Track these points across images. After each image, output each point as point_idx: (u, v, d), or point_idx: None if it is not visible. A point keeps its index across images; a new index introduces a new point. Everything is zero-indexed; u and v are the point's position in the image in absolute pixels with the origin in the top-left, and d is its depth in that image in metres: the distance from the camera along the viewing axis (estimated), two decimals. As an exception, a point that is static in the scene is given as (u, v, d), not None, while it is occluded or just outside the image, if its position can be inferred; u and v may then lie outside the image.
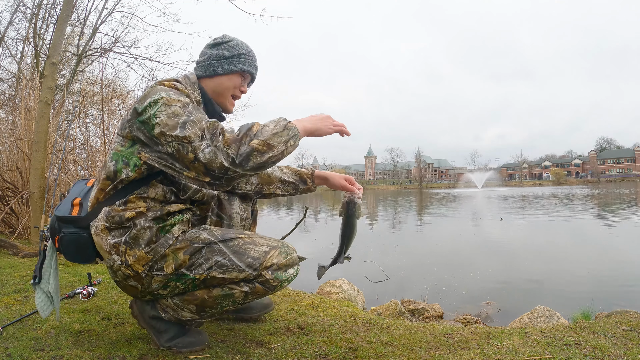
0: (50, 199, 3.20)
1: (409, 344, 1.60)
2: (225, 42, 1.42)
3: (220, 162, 1.12)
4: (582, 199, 21.33)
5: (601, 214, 13.05)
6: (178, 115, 1.16)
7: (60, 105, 5.52)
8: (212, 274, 1.26)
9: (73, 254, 1.33)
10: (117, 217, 1.25)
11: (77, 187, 1.46)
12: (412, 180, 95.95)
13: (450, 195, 34.00)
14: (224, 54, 1.40)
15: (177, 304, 1.33)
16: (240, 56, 1.40)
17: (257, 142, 1.13)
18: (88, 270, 2.45)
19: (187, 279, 1.27)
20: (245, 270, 1.26)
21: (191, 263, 1.26)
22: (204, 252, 1.27)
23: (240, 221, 1.66)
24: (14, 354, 1.32)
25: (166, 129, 1.16)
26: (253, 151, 1.13)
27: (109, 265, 1.28)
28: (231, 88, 1.41)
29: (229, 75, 1.40)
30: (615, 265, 5.28)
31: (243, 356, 1.40)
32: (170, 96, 1.20)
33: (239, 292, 1.28)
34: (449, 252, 6.71)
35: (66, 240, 1.31)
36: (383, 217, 14.68)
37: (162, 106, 1.18)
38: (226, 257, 1.27)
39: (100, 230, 1.26)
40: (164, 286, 1.29)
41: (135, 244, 1.25)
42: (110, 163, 1.27)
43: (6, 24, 7.55)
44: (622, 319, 1.90)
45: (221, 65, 1.39)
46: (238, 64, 1.40)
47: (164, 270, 1.26)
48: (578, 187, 47.81)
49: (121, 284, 1.32)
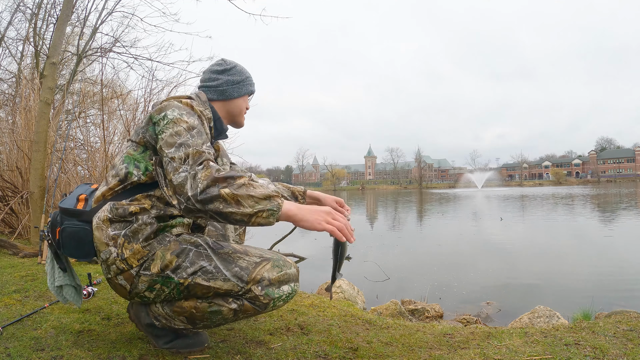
0: (50, 199, 3.20)
1: (409, 344, 1.60)
2: (232, 68, 1.54)
3: (186, 189, 1.12)
4: (582, 199, 21.33)
5: (601, 214, 13.05)
6: (179, 136, 1.21)
7: (60, 105, 5.52)
8: (196, 280, 1.22)
9: (72, 247, 1.32)
10: (121, 210, 1.26)
11: (81, 188, 1.47)
12: (412, 180, 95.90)
13: (450, 195, 34.01)
14: (236, 79, 1.52)
15: (168, 314, 1.31)
16: (248, 79, 1.55)
17: (227, 192, 1.10)
18: (88, 270, 2.45)
19: (172, 283, 1.24)
20: (231, 280, 1.21)
21: (177, 265, 1.24)
22: (190, 255, 1.25)
23: (235, 230, 1.68)
24: (14, 354, 1.32)
25: (164, 145, 1.21)
26: (219, 197, 1.10)
27: (104, 258, 1.27)
28: (244, 107, 1.57)
29: (242, 97, 1.54)
30: (615, 265, 5.28)
31: (243, 356, 1.40)
32: (182, 116, 1.26)
33: (227, 309, 1.23)
34: (449, 252, 6.71)
35: (67, 232, 1.30)
36: (383, 217, 14.68)
37: (170, 123, 1.23)
38: (212, 263, 1.23)
39: (102, 221, 1.27)
40: (149, 288, 1.26)
41: (134, 238, 1.26)
42: (122, 165, 1.30)
43: (6, 24, 7.56)
44: (622, 319, 1.90)
45: (235, 89, 1.51)
46: (248, 86, 1.54)
47: (150, 270, 1.25)
48: (578, 187, 47.83)
49: (112, 282, 1.31)
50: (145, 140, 1.29)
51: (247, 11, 5.17)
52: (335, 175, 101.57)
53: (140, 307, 1.40)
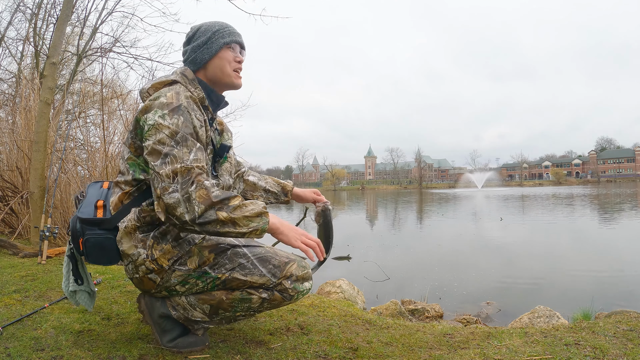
0: (50, 199, 3.20)
1: (409, 344, 1.60)
2: (196, 31, 1.41)
3: (181, 213, 1.14)
4: (582, 199, 21.33)
5: (601, 214, 13.05)
6: (163, 145, 1.19)
7: (60, 105, 5.52)
8: (234, 275, 1.31)
9: (98, 256, 1.33)
10: (149, 217, 1.29)
11: (94, 190, 1.45)
12: (412, 180, 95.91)
13: (450, 195, 34.01)
14: (202, 41, 1.38)
15: (191, 302, 1.34)
16: (217, 33, 1.38)
17: (224, 216, 1.15)
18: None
19: (208, 278, 1.31)
20: (266, 276, 1.31)
21: (215, 262, 1.31)
22: (229, 253, 1.33)
23: None
24: (14, 354, 1.32)
25: (149, 154, 1.21)
26: (216, 220, 1.15)
27: (132, 259, 1.29)
28: (227, 64, 1.38)
29: (218, 54, 1.38)
30: (615, 265, 5.28)
31: (243, 356, 1.40)
32: (163, 119, 1.20)
33: (257, 297, 1.32)
34: (449, 252, 6.71)
35: (91, 242, 1.31)
36: (383, 217, 14.69)
37: (152, 130, 1.21)
38: (250, 260, 1.33)
39: (130, 229, 1.29)
40: (183, 282, 1.31)
41: (163, 239, 1.30)
42: (129, 172, 1.32)
43: (6, 24, 7.55)
44: (622, 319, 1.90)
45: (205, 51, 1.37)
46: (218, 39, 1.37)
47: (187, 265, 1.30)
48: (578, 187, 47.84)
49: (139, 279, 1.33)
50: (137, 145, 1.29)
51: (247, 11, 5.17)
52: (335, 175, 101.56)
53: (155, 297, 1.40)
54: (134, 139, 1.29)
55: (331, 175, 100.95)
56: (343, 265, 5.51)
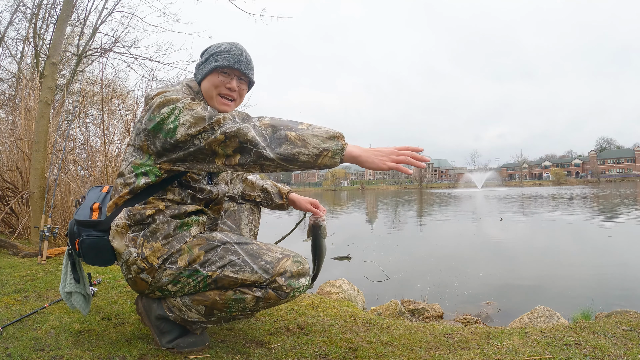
0: (50, 199, 3.20)
1: (409, 344, 1.60)
2: (207, 49, 1.41)
3: (252, 136, 1.16)
4: (582, 199, 21.33)
5: (601, 214, 13.05)
6: (205, 109, 1.22)
7: (60, 105, 5.52)
8: (225, 273, 1.28)
9: (93, 257, 1.35)
10: (138, 215, 1.29)
11: (94, 194, 1.49)
12: (412, 180, 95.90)
13: (450, 195, 34.00)
14: (203, 59, 1.40)
15: (186, 303, 1.33)
16: (214, 56, 1.36)
17: (293, 134, 1.16)
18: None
19: (199, 276, 1.29)
20: (258, 273, 1.28)
21: (205, 259, 1.29)
22: (219, 250, 1.31)
23: (249, 231, 1.72)
24: (14, 354, 1.32)
25: (188, 126, 1.20)
26: (287, 139, 1.15)
27: (124, 259, 1.30)
28: (213, 88, 1.36)
29: (208, 77, 1.37)
30: (615, 265, 5.28)
31: (243, 356, 1.40)
32: (190, 101, 1.25)
33: (251, 297, 1.29)
34: (449, 252, 6.71)
35: (87, 243, 1.33)
36: (383, 217, 14.68)
37: (184, 110, 1.21)
38: (240, 257, 1.30)
39: (121, 227, 1.30)
40: (174, 281, 1.30)
41: (153, 237, 1.29)
42: (130, 175, 1.31)
43: (6, 24, 7.56)
44: (622, 319, 1.90)
45: (200, 70, 1.39)
46: (211, 62, 1.36)
47: (177, 264, 1.29)
48: (578, 187, 47.80)
49: (132, 280, 1.33)
50: (148, 144, 1.27)
51: (247, 11, 5.19)
52: (335, 175, 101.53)
53: (152, 298, 1.40)
54: (147, 136, 1.26)
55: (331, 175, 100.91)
56: (343, 265, 5.51)
